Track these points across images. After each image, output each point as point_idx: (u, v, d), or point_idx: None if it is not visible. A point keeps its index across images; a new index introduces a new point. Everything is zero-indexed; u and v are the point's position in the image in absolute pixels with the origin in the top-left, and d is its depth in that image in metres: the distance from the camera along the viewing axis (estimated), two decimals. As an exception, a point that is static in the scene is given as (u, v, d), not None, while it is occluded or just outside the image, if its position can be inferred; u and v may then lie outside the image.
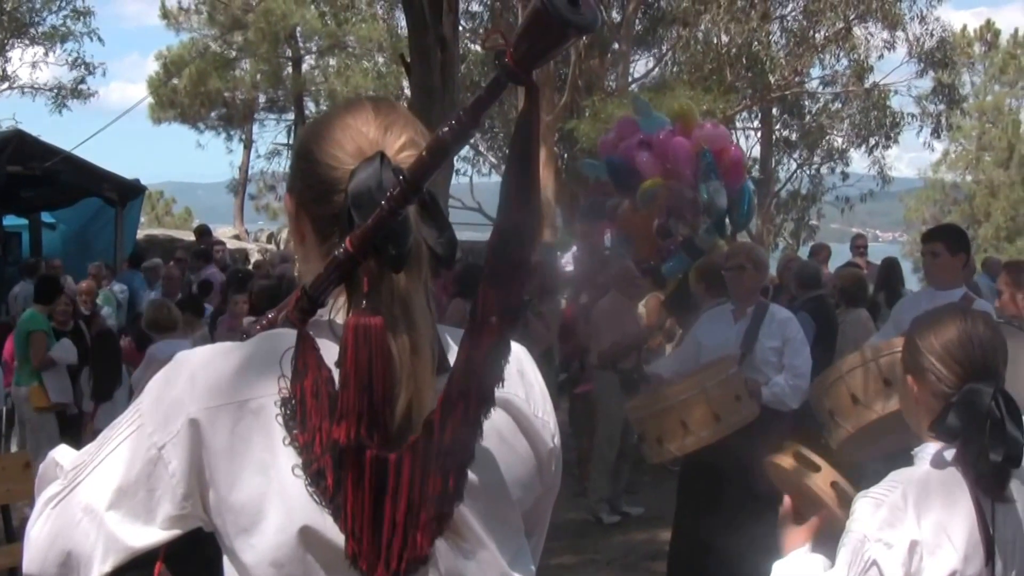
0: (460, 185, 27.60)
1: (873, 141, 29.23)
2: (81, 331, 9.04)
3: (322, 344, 1.33)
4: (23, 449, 8.04)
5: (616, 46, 26.33)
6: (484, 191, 28.79)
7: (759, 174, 27.42)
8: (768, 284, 8.33)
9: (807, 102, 29.95)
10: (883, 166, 30.06)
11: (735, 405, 5.29)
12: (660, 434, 5.36)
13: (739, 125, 28.43)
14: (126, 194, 16.31)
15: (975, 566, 2.14)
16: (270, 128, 34.83)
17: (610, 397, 8.07)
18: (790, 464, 2.50)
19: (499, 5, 25.70)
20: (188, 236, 19.93)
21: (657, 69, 28.30)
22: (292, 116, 32.83)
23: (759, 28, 25.42)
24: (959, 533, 2.14)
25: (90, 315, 10.03)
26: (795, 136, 30.52)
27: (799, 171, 31.56)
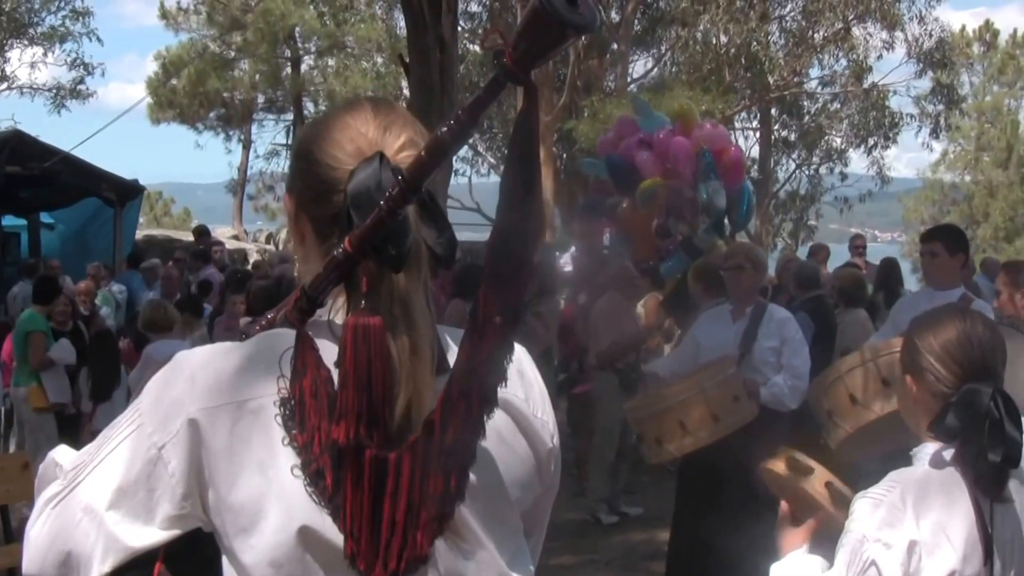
0: (459, 185, 27.67)
1: (872, 141, 29.31)
2: (80, 331, 9.03)
3: (321, 344, 1.33)
4: (22, 450, 8.04)
5: (615, 46, 26.36)
6: (483, 191, 28.82)
7: (758, 174, 27.44)
8: (767, 284, 8.32)
9: (806, 102, 30.00)
10: (882, 166, 30.19)
11: (734, 406, 5.28)
12: (659, 435, 5.36)
13: (738, 125, 28.46)
14: (125, 194, 16.29)
15: (974, 566, 2.14)
16: (269, 128, 34.86)
17: (609, 397, 8.07)
18: (783, 470, 2.51)
19: (498, 5, 25.71)
20: (187, 236, 19.90)
21: (656, 69, 28.38)
22: (291, 116, 32.80)
23: (758, 28, 25.45)
24: (958, 533, 2.14)
25: (89, 315, 10.02)
26: (794, 136, 30.58)
27: (798, 171, 31.62)
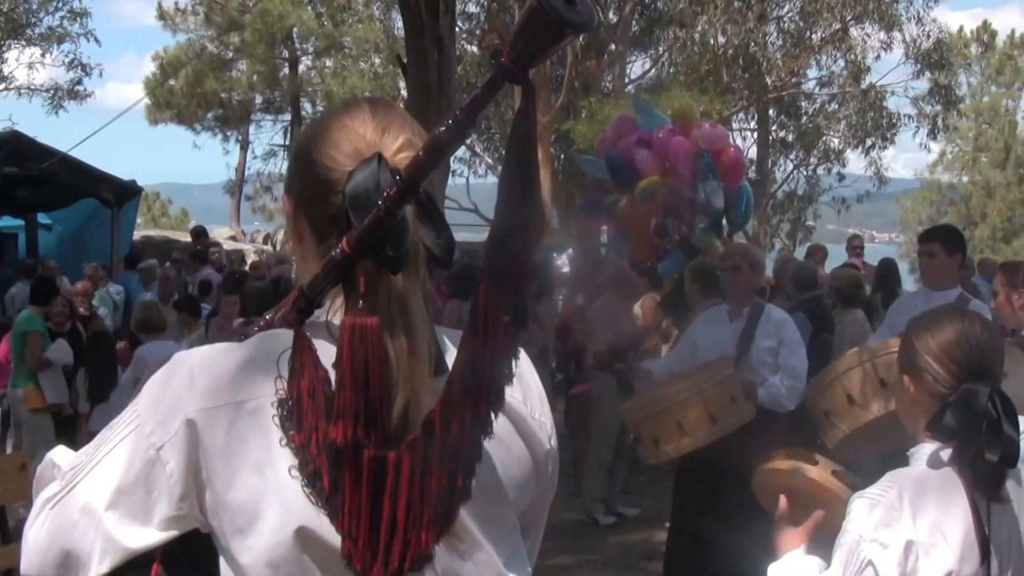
0: (456, 186, 27.69)
1: (870, 142, 29.34)
2: (78, 332, 9.03)
3: (319, 345, 1.33)
4: (19, 450, 8.02)
5: (613, 47, 26.37)
6: (480, 192, 28.84)
7: (755, 175, 27.43)
8: (764, 285, 8.32)
9: (804, 103, 30.03)
10: (879, 167, 30.22)
11: (731, 406, 5.28)
12: (656, 435, 5.35)
13: (736, 126, 28.46)
14: (122, 195, 16.27)
15: (971, 566, 2.14)
16: (267, 129, 34.79)
17: (607, 398, 8.06)
18: (786, 464, 2.51)
19: (496, 5, 25.72)
20: (184, 237, 19.87)
21: (654, 70, 28.38)
22: (289, 117, 32.75)
23: (756, 29, 25.46)
24: (955, 533, 2.15)
25: (88, 316, 10.03)
26: (791, 137, 30.60)
27: (795, 172, 31.65)
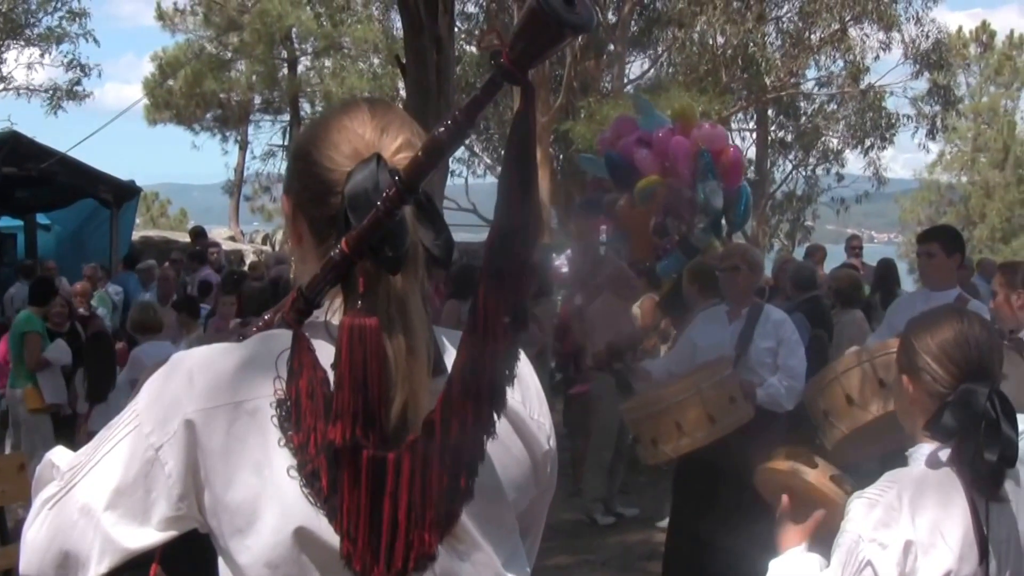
0: (455, 186, 27.70)
1: (868, 142, 29.36)
2: (77, 332, 9.03)
3: (318, 345, 1.32)
4: (18, 451, 8.02)
5: (612, 47, 26.38)
6: (479, 192, 28.81)
7: (754, 175, 27.44)
8: (763, 285, 8.32)
9: (803, 103, 30.05)
10: (878, 167, 30.23)
11: (730, 407, 5.28)
12: (655, 436, 5.35)
13: (735, 126, 28.47)
14: (121, 195, 16.28)
15: (970, 566, 2.14)
16: (265, 129, 34.80)
17: (607, 398, 8.06)
18: (786, 465, 2.51)
19: (495, 6, 25.72)
20: (183, 237, 19.86)
21: (652, 70, 28.37)
22: (288, 117, 32.75)
23: (755, 29, 25.46)
24: (954, 533, 2.15)
25: (89, 316, 10.03)
26: (790, 137, 30.62)
27: (794, 172, 31.67)
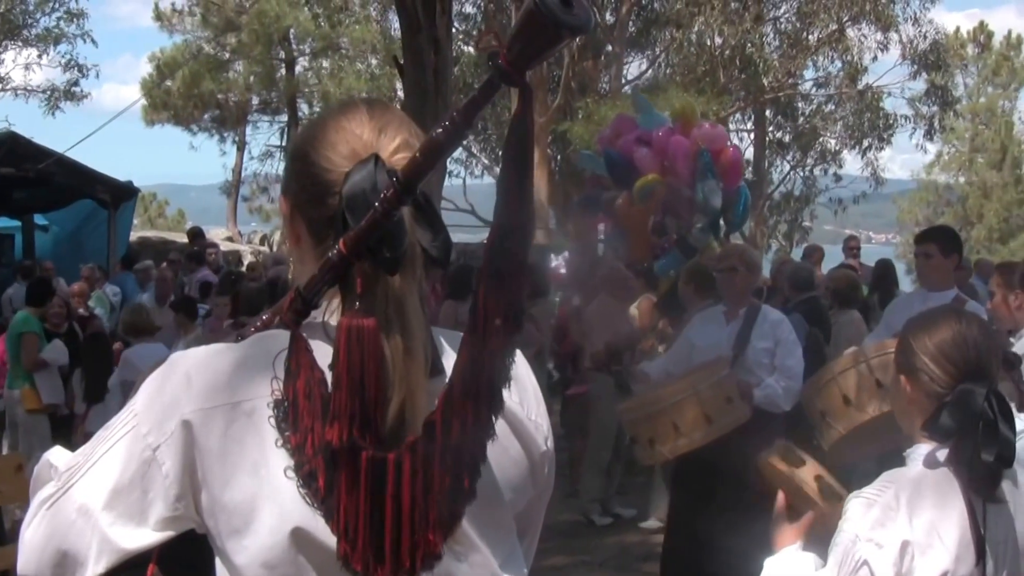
0: (453, 187, 27.69)
1: (866, 143, 29.36)
2: (75, 333, 9.03)
3: (316, 346, 1.32)
4: (15, 451, 8.02)
5: (609, 48, 26.36)
6: (477, 193, 28.82)
7: (752, 176, 27.44)
8: (761, 286, 8.33)
9: (800, 104, 30.05)
10: (876, 168, 30.21)
11: (727, 407, 5.28)
12: (652, 436, 5.35)
13: (732, 127, 28.44)
14: (119, 196, 16.25)
15: (966, 566, 2.14)
16: (263, 130, 34.77)
17: (605, 399, 8.06)
18: (778, 461, 2.52)
19: (492, 7, 25.70)
20: (181, 238, 19.86)
21: (650, 71, 28.36)
22: (285, 118, 32.73)
23: (752, 30, 25.46)
24: (950, 533, 2.15)
25: (87, 317, 10.02)
26: (788, 138, 30.62)
27: (792, 173, 31.66)
